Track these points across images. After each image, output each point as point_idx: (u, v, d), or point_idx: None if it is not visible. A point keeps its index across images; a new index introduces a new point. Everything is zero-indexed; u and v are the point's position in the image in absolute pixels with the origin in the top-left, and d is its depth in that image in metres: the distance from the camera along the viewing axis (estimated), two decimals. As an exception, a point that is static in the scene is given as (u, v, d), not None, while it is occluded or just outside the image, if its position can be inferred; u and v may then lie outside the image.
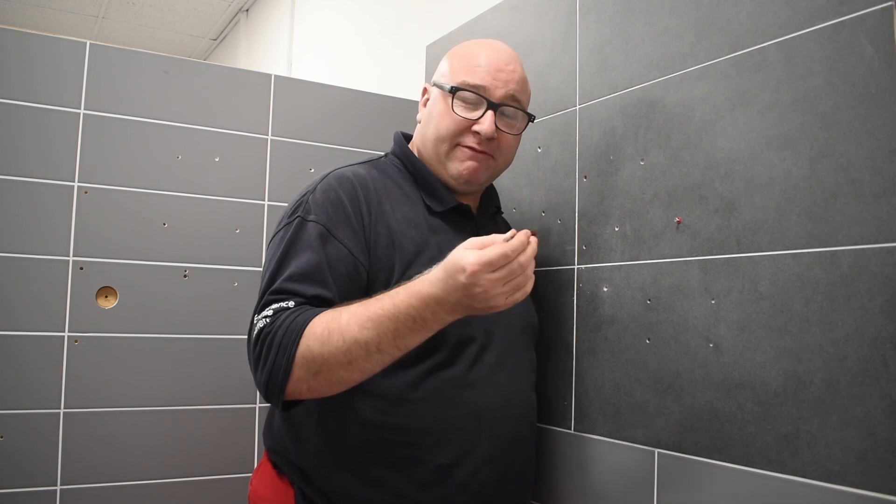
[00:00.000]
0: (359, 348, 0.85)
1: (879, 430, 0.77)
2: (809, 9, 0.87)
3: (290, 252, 0.96)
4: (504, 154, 1.10)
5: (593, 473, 1.13)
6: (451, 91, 1.06)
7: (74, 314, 1.33)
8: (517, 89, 1.08)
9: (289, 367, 0.87)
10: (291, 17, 3.37)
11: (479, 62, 1.07)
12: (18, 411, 1.27)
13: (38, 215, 1.31)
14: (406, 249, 1.00)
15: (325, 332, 0.86)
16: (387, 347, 0.86)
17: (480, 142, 1.06)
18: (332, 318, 0.87)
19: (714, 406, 0.95)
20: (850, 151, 0.82)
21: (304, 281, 0.93)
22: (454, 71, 1.08)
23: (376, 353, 0.86)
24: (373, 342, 0.85)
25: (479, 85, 1.05)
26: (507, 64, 1.08)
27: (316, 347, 0.86)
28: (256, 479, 1.09)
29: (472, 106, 1.06)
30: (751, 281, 0.91)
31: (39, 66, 1.33)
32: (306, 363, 0.87)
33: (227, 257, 1.47)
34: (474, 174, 1.07)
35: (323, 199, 0.99)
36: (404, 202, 1.06)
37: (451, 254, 0.84)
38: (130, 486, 1.36)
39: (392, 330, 0.85)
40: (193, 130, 1.45)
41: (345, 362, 0.86)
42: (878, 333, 0.78)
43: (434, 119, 1.09)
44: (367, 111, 1.64)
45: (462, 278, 0.81)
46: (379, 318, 0.85)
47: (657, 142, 1.06)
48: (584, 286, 1.18)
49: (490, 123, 1.04)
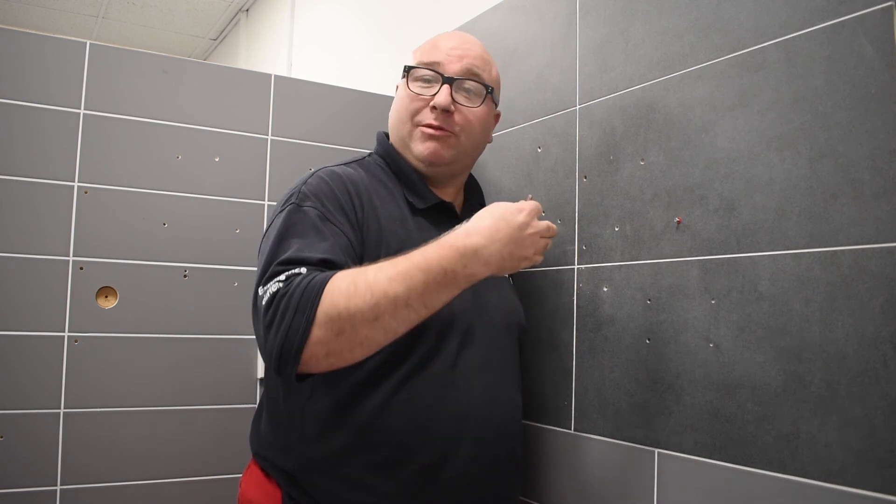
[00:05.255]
0: (387, 302, 0.83)
1: (879, 430, 0.77)
2: (809, 9, 0.87)
3: (289, 232, 0.93)
4: (467, 130, 1.09)
5: (593, 473, 1.13)
6: (406, 70, 1.09)
7: (74, 314, 1.33)
8: (475, 64, 1.09)
9: (308, 327, 0.81)
10: (291, 17, 3.36)
11: (437, 44, 1.10)
12: (18, 411, 1.27)
13: (38, 215, 1.31)
14: (391, 247, 1.00)
15: (351, 285, 0.83)
16: (414, 303, 0.84)
17: (437, 116, 1.06)
18: (358, 273, 0.85)
19: (714, 406, 0.95)
20: (850, 151, 0.82)
21: (310, 250, 0.90)
22: (414, 57, 1.12)
23: (404, 309, 0.84)
24: (402, 296, 0.83)
25: (434, 61, 1.07)
26: (465, 43, 1.10)
27: (342, 302, 0.82)
28: (245, 482, 1.09)
29: (430, 84, 1.08)
30: (750, 281, 0.91)
31: (39, 66, 1.33)
32: (330, 321, 0.81)
33: (227, 257, 1.47)
34: (435, 154, 1.07)
35: (316, 189, 0.99)
36: (389, 200, 1.06)
37: (491, 208, 0.91)
38: (130, 486, 1.36)
39: (422, 283, 0.84)
40: (193, 130, 1.45)
41: (371, 318, 0.82)
42: (878, 333, 0.78)
43: (396, 104, 1.12)
44: (367, 111, 1.64)
45: (521, 217, 0.90)
46: (409, 270, 0.84)
47: (657, 142, 1.06)
48: (584, 286, 1.18)
49: (445, 95, 1.05)
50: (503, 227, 0.89)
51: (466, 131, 1.09)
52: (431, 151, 1.07)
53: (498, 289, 1.14)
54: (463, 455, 1.00)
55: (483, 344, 1.05)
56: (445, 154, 1.08)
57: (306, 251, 0.90)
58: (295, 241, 0.92)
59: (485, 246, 0.87)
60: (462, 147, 1.10)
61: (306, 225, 0.94)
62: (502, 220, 0.89)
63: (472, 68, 1.08)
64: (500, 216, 0.90)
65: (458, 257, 0.86)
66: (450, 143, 1.08)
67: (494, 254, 0.88)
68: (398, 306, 0.83)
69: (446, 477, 0.98)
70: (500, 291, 1.14)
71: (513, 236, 0.89)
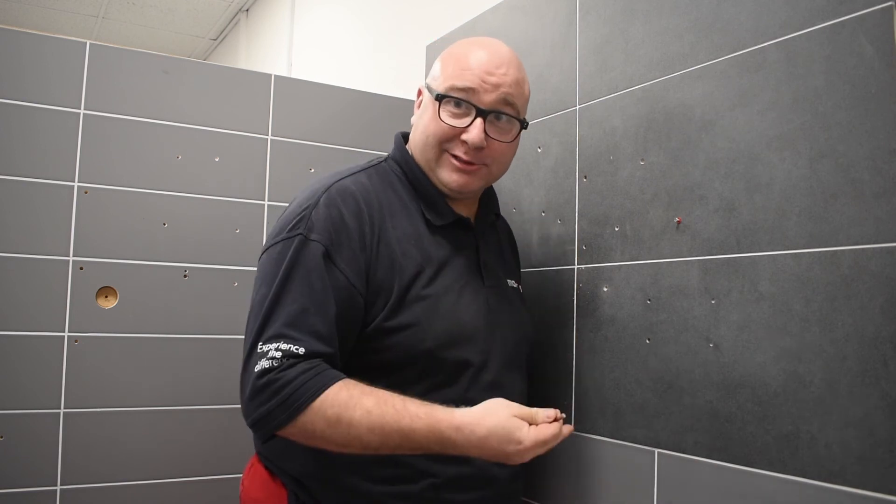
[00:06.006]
0: (359, 445, 0.89)
1: (879, 430, 0.77)
2: (809, 9, 0.87)
3: (293, 274, 0.93)
4: (498, 161, 1.06)
5: (593, 473, 1.13)
6: (437, 98, 1.02)
7: (74, 314, 1.33)
8: (510, 93, 1.02)
9: (286, 423, 0.88)
10: (291, 17, 3.36)
11: (469, 64, 1.01)
12: (18, 411, 1.27)
13: (38, 215, 1.31)
14: (406, 271, 0.99)
15: (334, 416, 0.87)
16: (383, 451, 0.90)
17: (467, 151, 1.01)
18: (346, 406, 0.88)
19: (714, 406, 0.95)
20: (850, 151, 0.82)
21: (312, 316, 0.91)
22: (444, 74, 1.03)
23: (371, 452, 0.90)
24: (373, 445, 0.89)
25: (468, 88, 1.00)
26: (499, 67, 1.02)
27: (320, 427, 0.88)
28: (248, 480, 1.08)
29: (461, 113, 1.01)
30: (751, 281, 0.91)
31: (39, 66, 1.33)
32: (304, 432, 0.89)
33: (227, 257, 1.47)
34: (465, 186, 1.04)
35: (326, 215, 0.96)
36: (404, 216, 1.04)
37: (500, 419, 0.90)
38: (130, 486, 1.36)
39: (396, 444, 0.89)
40: (193, 130, 1.45)
41: (341, 445, 0.89)
42: (878, 333, 0.78)
43: (423, 124, 1.05)
44: (367, 111, 1.64)
45: (512, 448, 0.90)
46: (391, 431, 0.88)
47: (657, 142, 1.06)
48: (584, 286, 1.18)
49: (478, 132, 1.00)
50: (495, 441, 0.90)
51: (497, 162, 1.06)
52: (461, 184, 1.04)
53: (511, 303, 1.13)
54: (470, 473, 1.00)
55: (497, 364, 1.05)
56: (476, 184, 1.06)
57: (309, 317, 0.91)
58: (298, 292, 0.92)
59: (467, 448, 0.90)
60: (491, 176, 1.08)
61: (312, 272, 0.93)
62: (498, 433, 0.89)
63: (507, 98, 1.02)
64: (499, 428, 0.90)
65: (438, 445, 0.90)
66: (480, 174, 1.05)
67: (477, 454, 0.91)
68: (367, 450, 0.90)
69: (453, 495, 0.99)
70: (512, 306, 1.13)
71: (499, 452, 0.90)
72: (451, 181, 1.04)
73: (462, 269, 1.06)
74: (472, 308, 1.04)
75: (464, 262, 1.07)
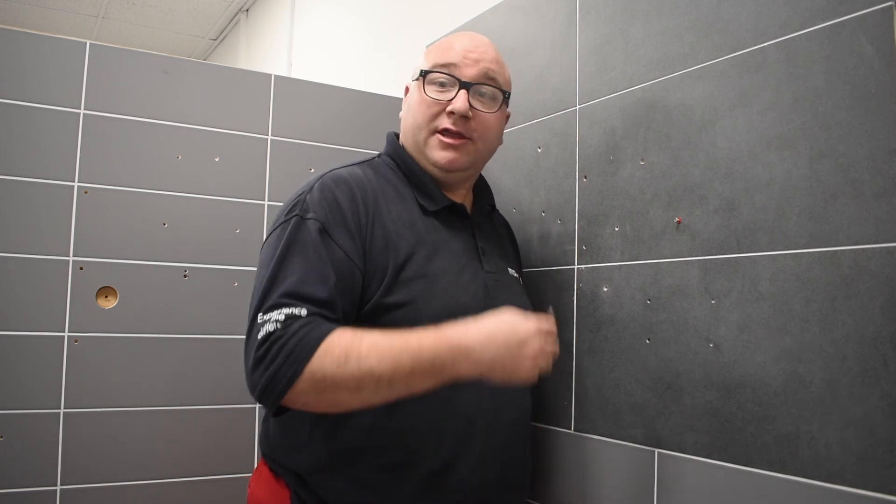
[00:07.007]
0: (371, 380, 0.86)
1: (879, 430, 0.77)
2: (809, 9, 0.87)
3: (291, 250, 0.94)
4: (484, 136, 1.09)
5: (593, 473, 1.13)
6: (422, 74, 1.07)
7: (74, 314, 1.33)
8: (491, 68, 1.08)
9: (294, 378, 0.85)
10: (291, 17, 3.36)
11: (451, 45, 1.08)
12: (18, 411, 1.27)
13: (38, 215, 1.31)
14: (400, 251, 1.00)
15: (342, 354, 0.86)
16: (397, 384, 0.87)
17: (455, 122, 1.05)
18: (352, 343, 0.87)
19: (714, 406, 0.95)
20: (850, 151, 0.82)
21: (312, 284, 0.91)
22: (428, 59, 1.10)
23: (386, 388, 0.87)
24: (386, 377, 0.86)
25: (450, 63, 1.06)
26: (479, 47, 1.08)
27: (330, 368, 0.85)
28: (254, 482, 1.09)
29: (445, 88, 1.06)
30: (751, 281, 0.91)
31: (39, 66, 1.33)
32: (314, 380, 0.85)
33: (227, 257, 1.47)
34: (453, 162, 1.07)
35: (320, 198, 0.99)
36: (398, 202, 1.06)
37: (503, 316, 0.90)
38: (130, 486, 1.36)
39: (409, 369, 0.86)
40: (193, 130, 1.45)
41: (353, 388, 0.86)
42: (878, 333, 0.78)
43: (411, 108, 1.10)
44: (367, 111, 1.64)
45: (523, 331, 0.89)
46: (399, 353, 0.86)
47: (657, 142, 1.06)
48: (584, 286, 1.18)
49: (463, 101, 1.04)
50: (502, 335, 0.89)
51: (483, 137, 1.09)
52: (449, 160, 1.07)
53: (510, 288, 1.13)
54: (472, 459, 1.00)
55: None
56: (463, 161, 1.08)
57: (308, 285, 0.91)
58: (297, 264, 0.93)
59: (478, 348, 0.88)
60: (479, 153, 1.10)
61: (309, 245, 0.94)
62: (504, 326, 0.89)
63: (489, 72, 1.07)
64: (504, 323, 0.90)
65: (450, 353, 0.87)
66: (467, 150, 1.08)
67: (486, 358, 0.88)
68: (381, 385, 0.86)
69: (455, 479, 0.99)
70: (512, 291, 1.13)
71: (509, 345, 0.89)
72: (440, 158, 1.07)
73: (460, 253, 1.07)
74: (471, 288, 1.05)
75: (461, 247, 1.08)
